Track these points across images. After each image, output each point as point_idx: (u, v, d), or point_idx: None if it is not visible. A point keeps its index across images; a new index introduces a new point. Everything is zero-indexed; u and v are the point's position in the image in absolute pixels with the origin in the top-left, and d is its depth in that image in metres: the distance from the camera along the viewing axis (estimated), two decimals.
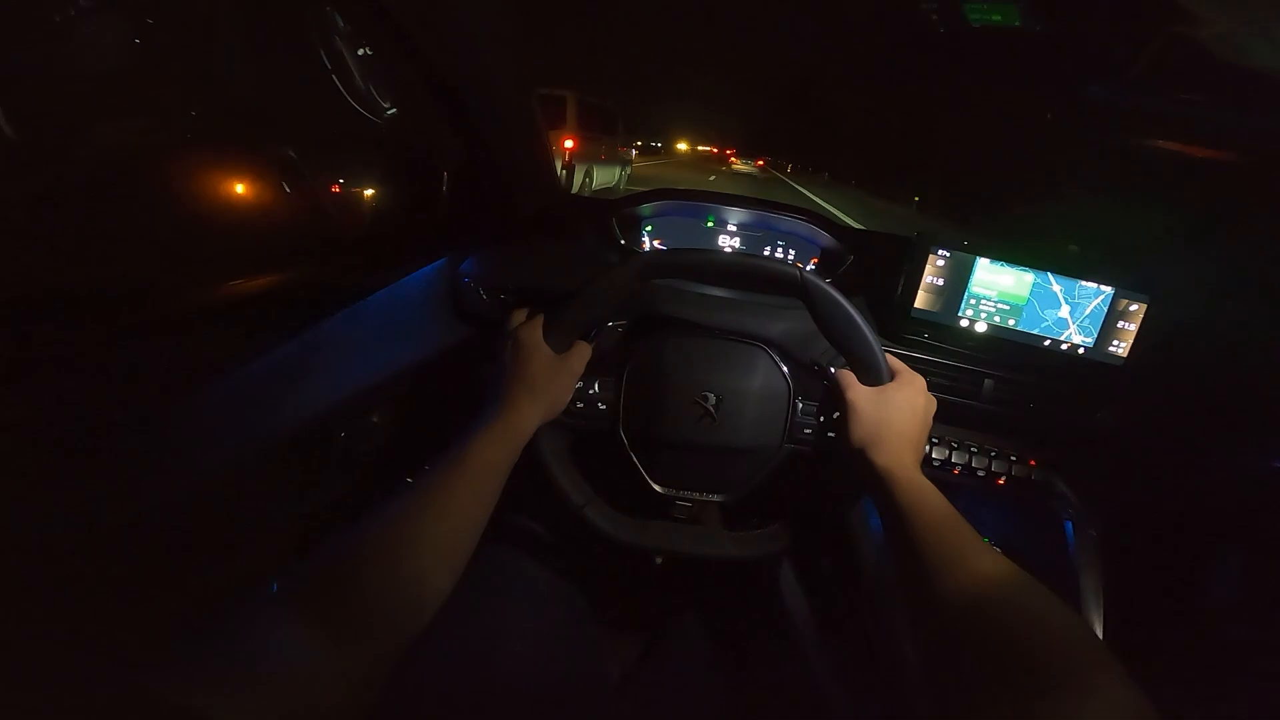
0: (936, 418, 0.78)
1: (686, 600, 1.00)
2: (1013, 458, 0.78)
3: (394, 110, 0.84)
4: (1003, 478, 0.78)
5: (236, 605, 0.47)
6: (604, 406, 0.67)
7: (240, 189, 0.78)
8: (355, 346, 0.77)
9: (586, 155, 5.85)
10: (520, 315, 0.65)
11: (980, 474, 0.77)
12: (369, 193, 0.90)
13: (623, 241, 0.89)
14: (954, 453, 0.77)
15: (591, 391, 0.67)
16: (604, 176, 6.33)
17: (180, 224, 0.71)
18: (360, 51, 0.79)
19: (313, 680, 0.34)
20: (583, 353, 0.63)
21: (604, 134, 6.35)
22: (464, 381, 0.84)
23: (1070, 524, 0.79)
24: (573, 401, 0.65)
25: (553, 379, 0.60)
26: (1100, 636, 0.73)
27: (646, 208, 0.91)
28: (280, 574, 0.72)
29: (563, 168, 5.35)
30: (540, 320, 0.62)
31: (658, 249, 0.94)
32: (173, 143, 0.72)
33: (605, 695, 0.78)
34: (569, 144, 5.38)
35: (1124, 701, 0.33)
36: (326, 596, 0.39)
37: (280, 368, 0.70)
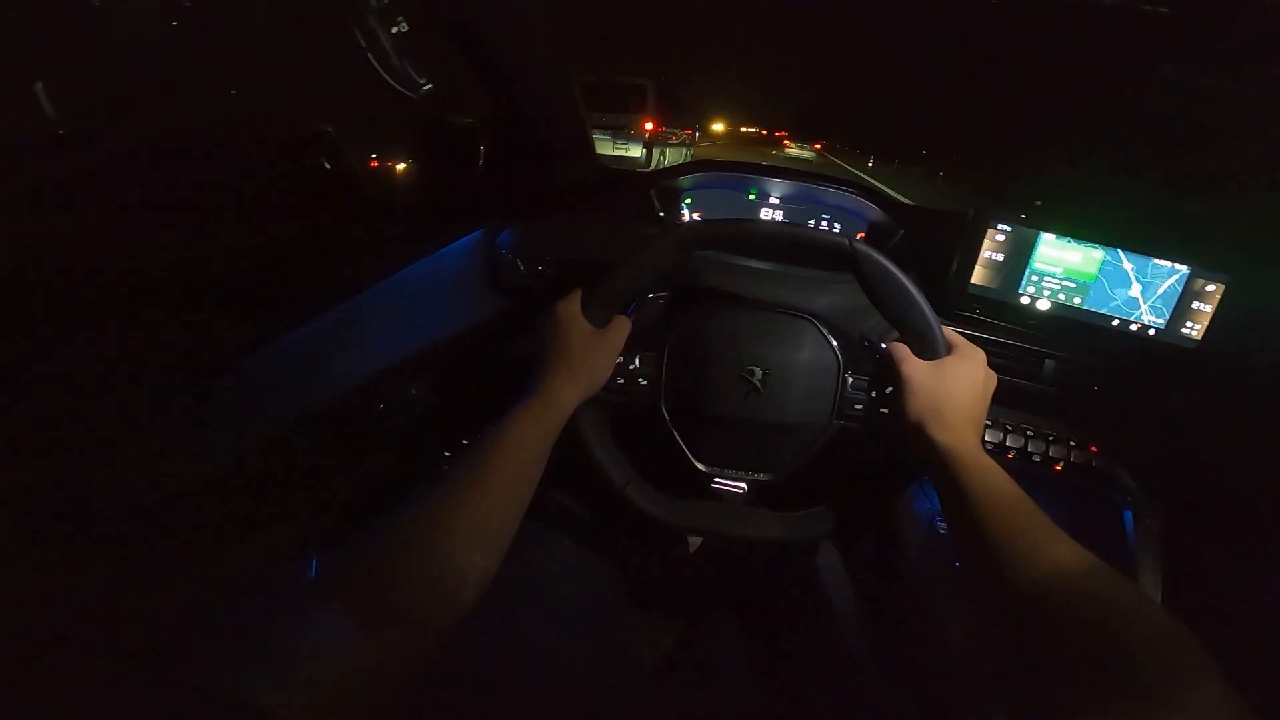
0: (998, 399, 0.75)
1: (724, 584, 0.99)
2: (1072, 443, 0.74)
3: (430, 86, 0.82)
4: (1060, 464, 0.74)
5: (277, 592, 0.47)
6: (645, 382, 0.66)
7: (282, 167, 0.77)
8: (394, 318, 0.77)
9: (661, 138, 6.35)
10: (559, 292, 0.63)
11: (1036, 459, 0.74)
12: (406, 166, 0.89)
13: (662, 214, 0.87)
14: (1009, 436, 0.73)
15: (632, 367, 0.65)
16: (674, 156, 6.79)
17: (218, 203, 0.71)
18: (394, 29, 0.78)
19: (355, 669, 0.34)
20: (622, 327, 0.61)
21: (674, 118, 6.99)
22: (502, 354, 0.84)
23: (1129, 514, 0.74)
24: (613, 377, 0.63)
25: (592, 355, 0.58)
26: None
27: (686, 179, 0.88)
28: (320, 553, 0.73)
29: (644, 147, 5.93)
30: (578, 295, 0.60)
31: (697, 221, 0.91)
32: (212, 120, 0.71)
33: (639, 680, 0.78)
34: (649, 126, 5.89)
35: (1230, 709, 0.31)
36: (368, 584, 0.38)
37: (319, 339, 0.70)
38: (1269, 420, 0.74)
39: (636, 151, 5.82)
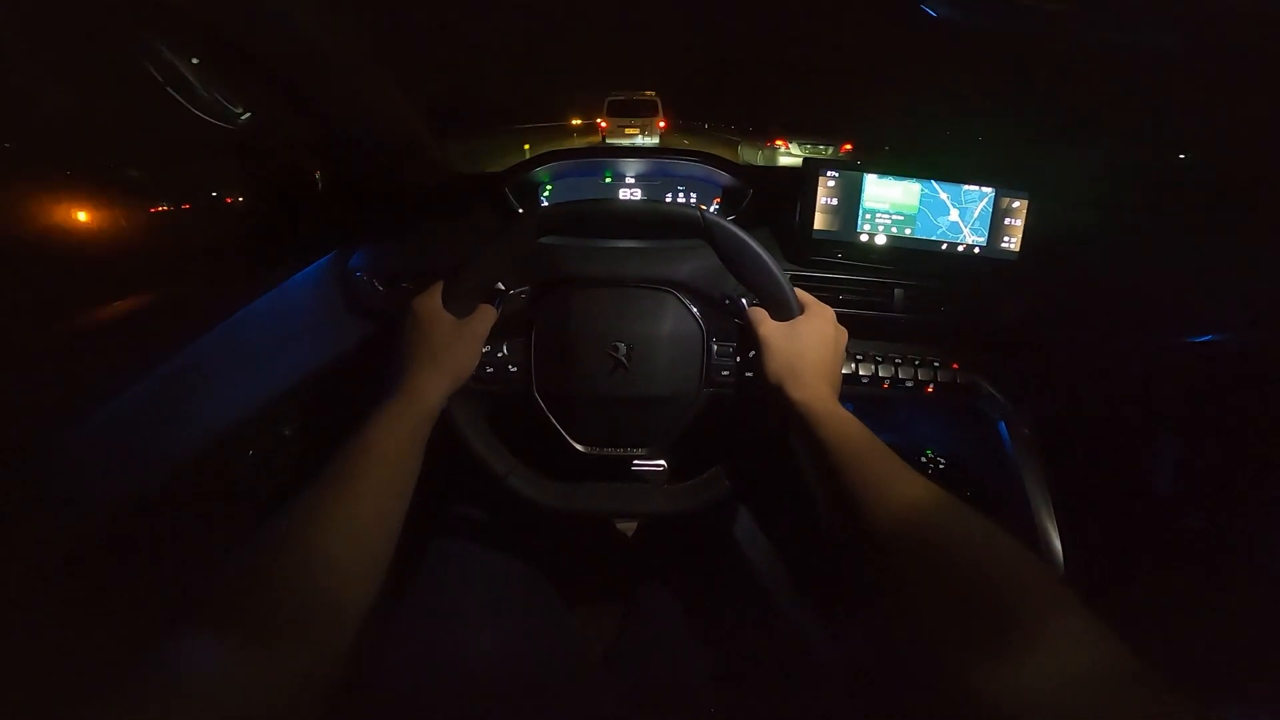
0: (859, 334, 0.80)
1: (658, 564, 0.99)
2: (936, 364, 0.79)
3: (249, 114, 0.78)
4: (930, 385, 0.79)
5: (150, 629, 0.43)
6: (515, 369, 0.65)
7: (82, 216, 0.70)
8: (244, 359, 0.72)
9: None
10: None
11: (909, 384, 0.79)
12: (235, 199, 0.83)
13: (520, 210, 0.86)
14: (880, 366, 0.78)
15: (500, 355, 0.65)
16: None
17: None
18: (193, 60, 0.73)
19: (240, 690, 0.32)
20: (486, 315, 0.61)
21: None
22: (375, 379, 0.80)
23: (1003, 424, 0.81)
24: (482, 367, 0.62)
25: (455, 345, 0.57)
26: (1055, 536, 0.74)
27: (540, 172, 0.88)
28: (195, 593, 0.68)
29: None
30: (437, 289, 0.59)
31: (550, 204, 0.91)
32: None
33: (587, 669, 0.77)
34: (662, 124, 7.82)
35: (1078, 628, 0.32)
36: (243, 602, 0.36)
37: (158, 394, 0.65)
38: (1091, 319, 0.83)
39: (655, 139, 7.58)
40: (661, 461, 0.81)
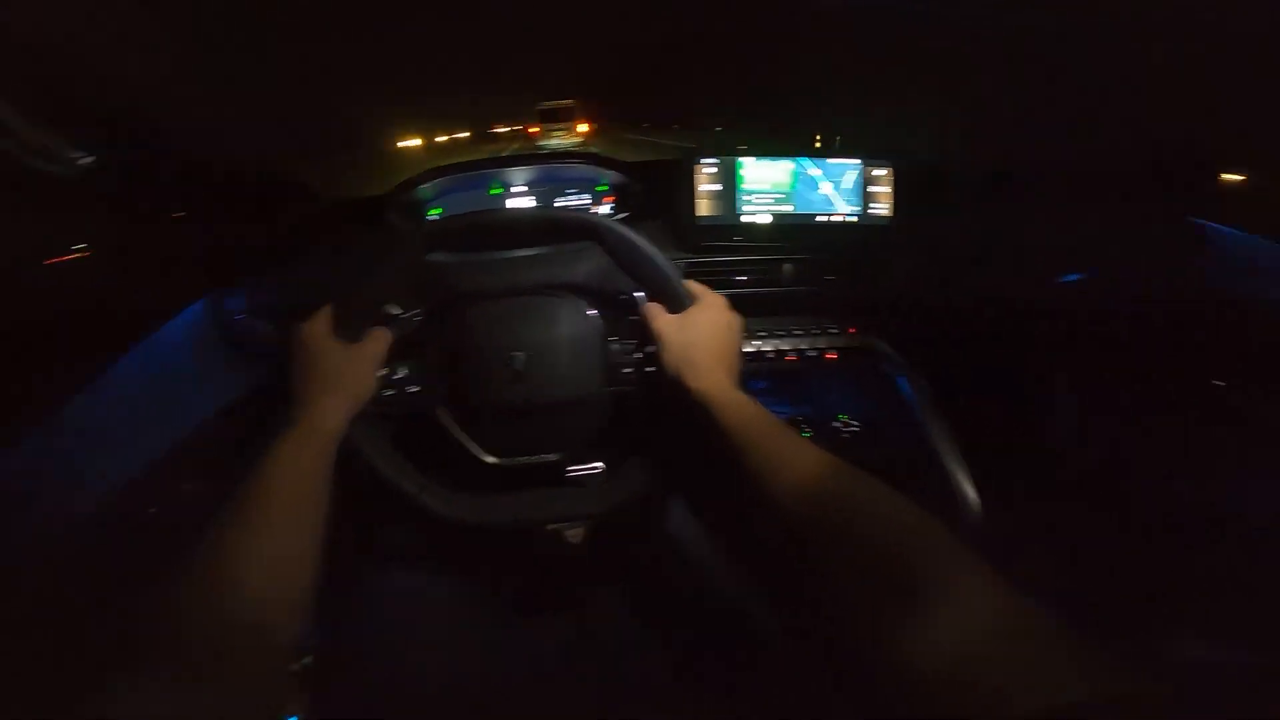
0: (758, 313, 0.83)
1: (606, 570, 1.00)
2: (833, 330, 0.84)
3: (92, 159, 0.72)
4: (831, 352, 0.83)
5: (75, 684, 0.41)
6: (416, 389, 0.64)
7: None
8: (124, 419, 0.67)
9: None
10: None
11: (812, 354, 0.82)
12: (82, 252, 0.77)
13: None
14: (781, 340, 0.81)
15: (398, 377, 0.63)
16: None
17: None
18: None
19: None
20: (379, 338, 0.60)
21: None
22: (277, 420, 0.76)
23: (902, 379, 0.85)
24: (381, 389, 0.61)
25: (349, 369, 0.57)
26: (967, 483, 0.78)
27: (425, 190, 0.86)
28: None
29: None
30: (325, 315, 0.58)
31: (435, 219, 0.89)
32: None
33: (545, 678, 0.77)
34: (583, 129, 8.08)
35: (979, 584, 0.33)
36: (168, 643, 0.36)
37: (36, 459, 0.59)
38: (964, 275, 0.90)
39: (568, 142, 7.41)
40: (599, 464, 0.81)
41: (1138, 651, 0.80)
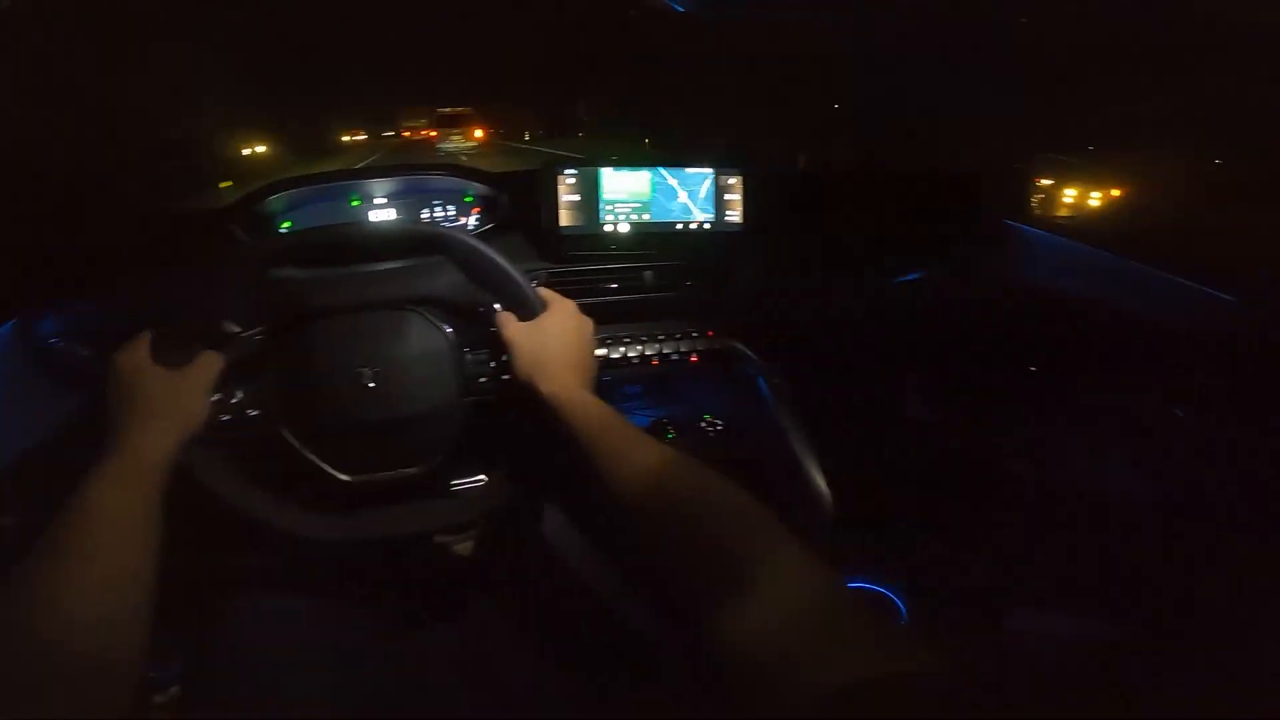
0: (623, 319, 0.85)
1: (491, 581, 0.99)
2: (694, 334, 0.88)
3: None
4: (693, 355, 0.87)
5: None
6: (256, 413, 0.61)
7: None
8: None
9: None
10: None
11: (674, 358, 0.86)
12: None
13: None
14: (645, 345, 0.84)
15: (235, 400, 0.60)
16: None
17: None
18: None
19: None
20: (209, 362, 0.57)
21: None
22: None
23: (760, 379, 0.90)
24: (216, 415, 0.58)
25: (175, 397, 0.53)
26: (817, 474, 0.83)
27: (275, 202, 0.83)
28: None
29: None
30: (143, 340, 0.55)
31: (266, 239, 0.86)
32: None
33: (432, 691, 0.76)
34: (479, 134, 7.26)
35: (796, 564, 0.35)
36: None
37: None
38: (812, 274, 0.97)
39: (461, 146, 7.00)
40: (481, 476, 0.80)
41: (977, 624, 0.90)
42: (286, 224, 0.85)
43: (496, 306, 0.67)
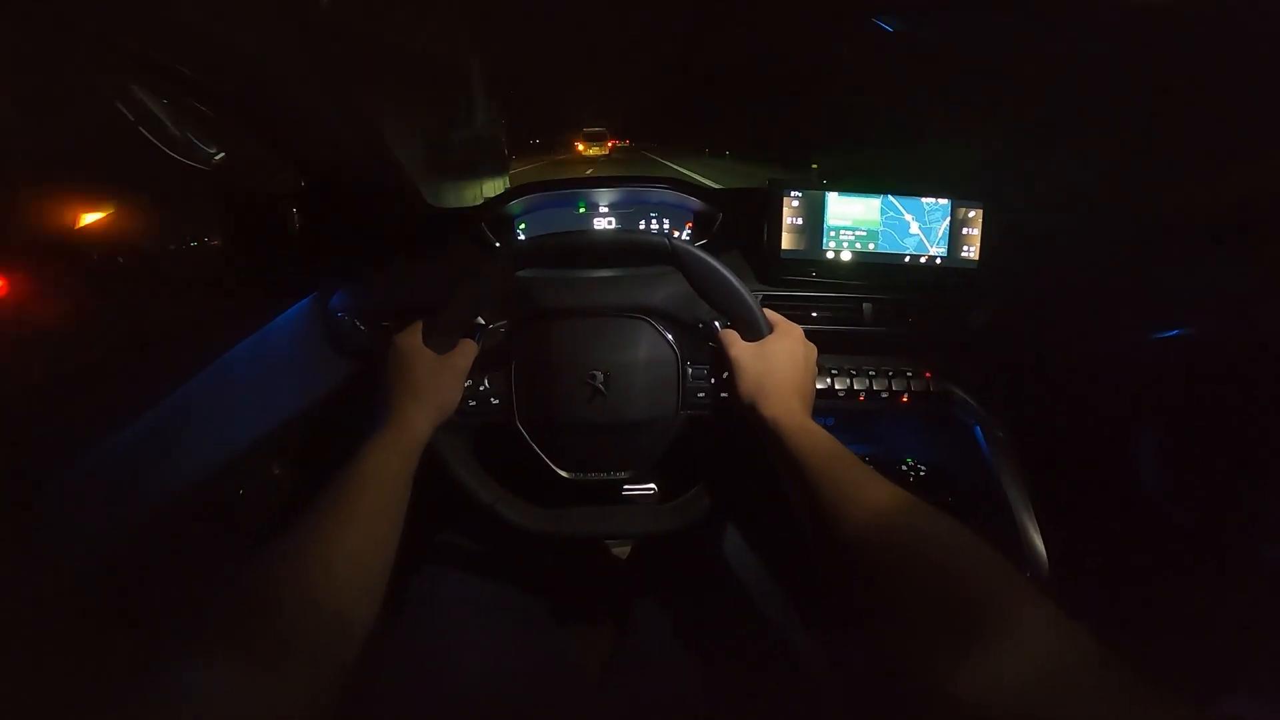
0: (833, 349, 0.82)
1: (650, 586, 1.00)
2: (909, 374, 0.82)
3: (223, 155, 0.79)
4: (905, 395, 0.81)
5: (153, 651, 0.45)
6: (497, 401, 0.67)
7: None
8: (230, 402, 0.73)
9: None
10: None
11: (884, 395, 0.81)
12: (211, 242, 0.84)
13: (498, 244, 0.88)
14: (854, 379, 0.80)
15: (482, 388, 0.67)
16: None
17: None
18: (164, 100, 0.74)
19: (252, 711, 0.33)
20: (467, 350, 0.63)
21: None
22: (361, 416, 0.81)
23: (978, 429, 0.82)
24: (465, 400, 0.64)
25: (438, 380, 0.59)
26: (1037, 537, 0.75)
27: (515, 205, 0.90)
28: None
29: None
30: (419, 326, 0.61)
31: (523, 239, 0.93)
32: None
33: (580, 689, 0.78)
34: (610, 144, 10.06)
35: (1044, 620, 0.33)
36: (245, 625, 0.38)
37: (151, 433, 0.66)
38: (1055, 322, 0.86)
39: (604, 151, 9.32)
40: (652, 485, 0.82)
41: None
42: (522, 225, 0.92)
43: (716, 323, 0.68)
